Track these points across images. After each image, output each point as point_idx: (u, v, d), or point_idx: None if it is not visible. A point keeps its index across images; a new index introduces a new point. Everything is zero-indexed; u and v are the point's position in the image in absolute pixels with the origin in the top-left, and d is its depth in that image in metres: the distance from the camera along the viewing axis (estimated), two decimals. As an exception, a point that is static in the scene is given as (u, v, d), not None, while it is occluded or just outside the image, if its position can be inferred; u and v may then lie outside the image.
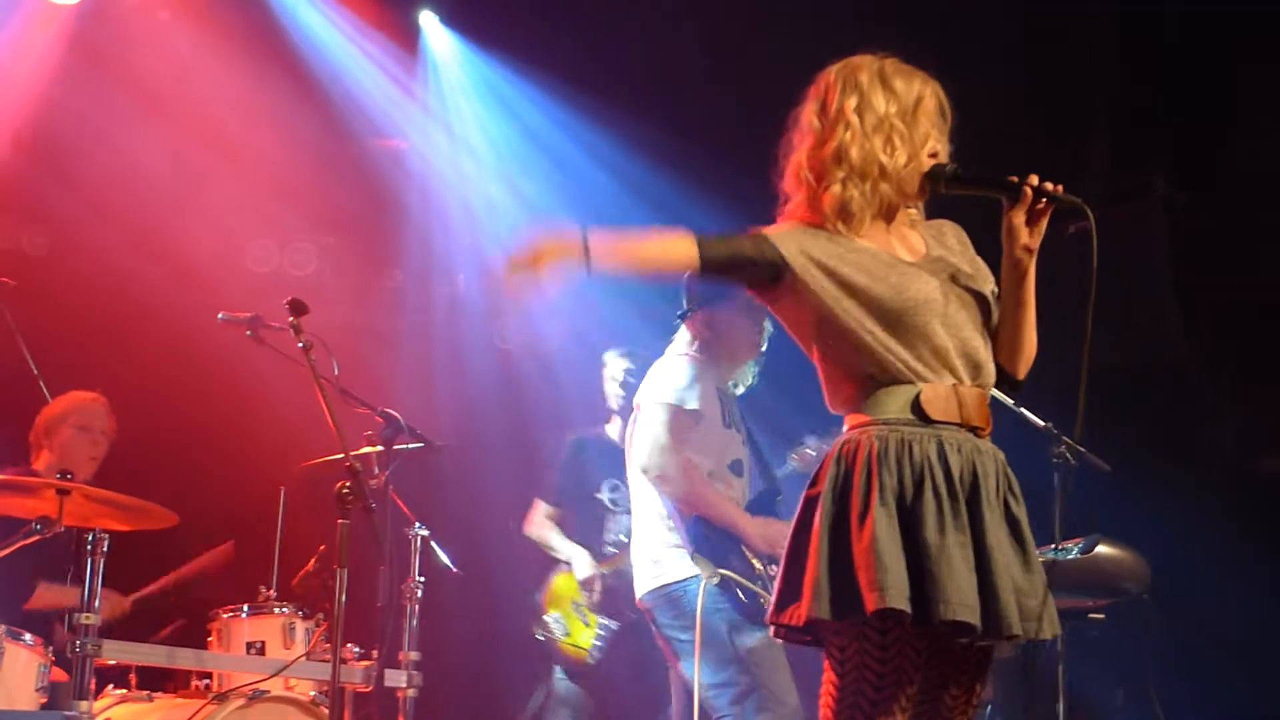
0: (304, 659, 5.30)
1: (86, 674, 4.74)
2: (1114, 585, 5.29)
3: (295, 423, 6.22)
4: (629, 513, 6.50)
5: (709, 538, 5.34)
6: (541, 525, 6.79)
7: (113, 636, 5.16)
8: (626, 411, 6.59)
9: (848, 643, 3.29)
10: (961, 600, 3.19)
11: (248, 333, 5.58)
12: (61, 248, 8.03)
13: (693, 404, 5.44)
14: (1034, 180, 3.47)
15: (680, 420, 5.41)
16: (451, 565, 6.14)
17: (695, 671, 5.26)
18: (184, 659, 5.34)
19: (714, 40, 7.88)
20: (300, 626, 5.53)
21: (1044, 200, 3.47)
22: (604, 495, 6.70)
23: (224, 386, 7.48)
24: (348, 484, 4.77)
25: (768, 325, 5.64)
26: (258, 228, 8.30)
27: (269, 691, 5.21)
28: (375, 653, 5.30)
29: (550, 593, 6.65)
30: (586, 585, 6.53)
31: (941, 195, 3.55)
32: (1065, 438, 5.36)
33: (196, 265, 7.77)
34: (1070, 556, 5.08)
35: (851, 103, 3.50)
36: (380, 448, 5.67)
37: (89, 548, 4.76)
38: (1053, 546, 5.07)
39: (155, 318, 7.60)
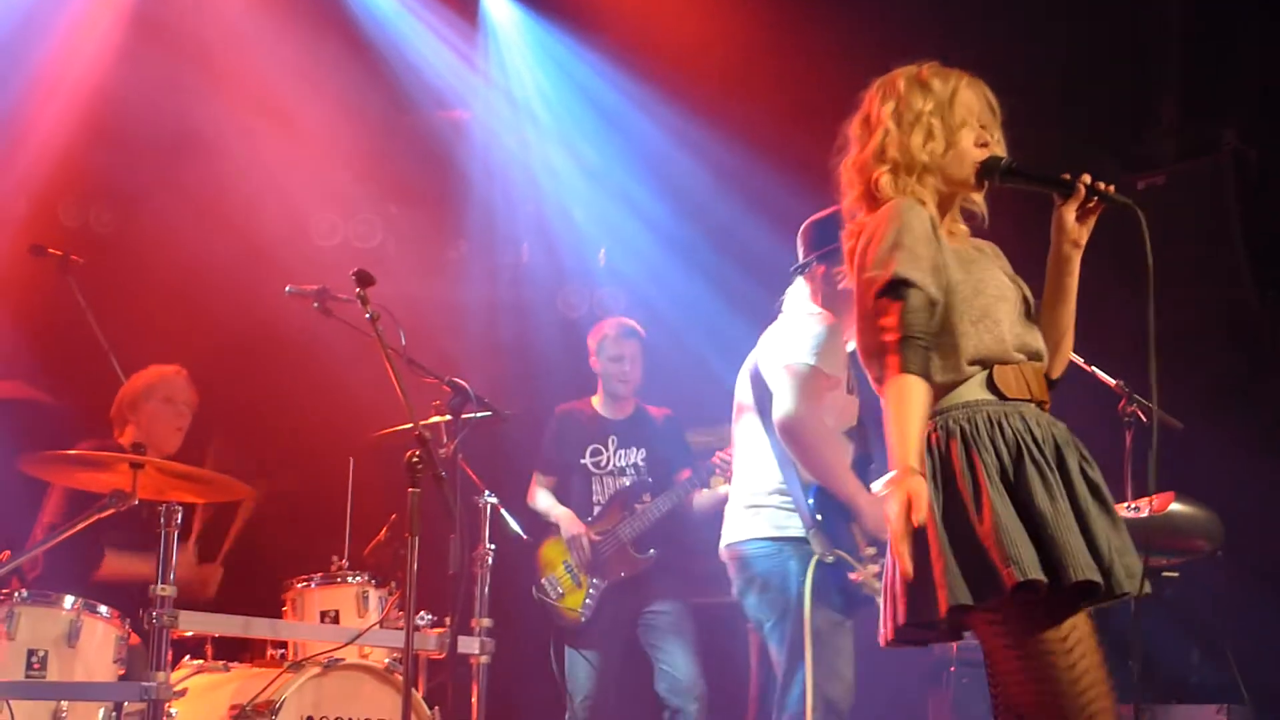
0: (377, 627, 5.33)
1: (164, 645, 4.78)
2: (1188, 543, 5.24)
3: (363, 394, 6.25)
4: (612, 474, 6.91)
5: (826, 509, 5.21)
6: (538, 494, 7.05)
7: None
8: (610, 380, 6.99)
9: (1009, 619, 3.35)
10: (1086, 561, 3.27)
11: (315, 305, 5.60)
12: (129, 225, 8.09)
13: (830, 367, 5.25)
14: (1086, 179, 3.55)
15: (818, 382, 5.20)
16: (521, 532, 6.17)
17: (806, 640, 5.20)
18: (259, 629, 5.38)
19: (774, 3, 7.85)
20: (373, 595, 5.57)
21: (1095, 199, 3.54)
22: (587, 460, 6.98)
23: (292, 359, 7.52)
24: (418, 453, 4.78)
25: None
26: (323, 201, 8.33)
27: (343, 660, 5.26)
28: (448, 620, 5.32)
29: (543, 556, 6.87)
30: (573, 543, 6.79)
31: (996, 189, 3.64)
32: (1137, 395, 5.32)
33: (263, 239, 7.80)
34: (1143, 515, 5.03)
35: (890, 107, 3.67)
36: (449, 417, 5.68)
37: (163, 520, 4.79)
38: (1126, 505, 5.03)
39: (222, 292, 7.64)
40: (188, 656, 5.63)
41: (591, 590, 6.77)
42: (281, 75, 7.78)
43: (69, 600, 5.21)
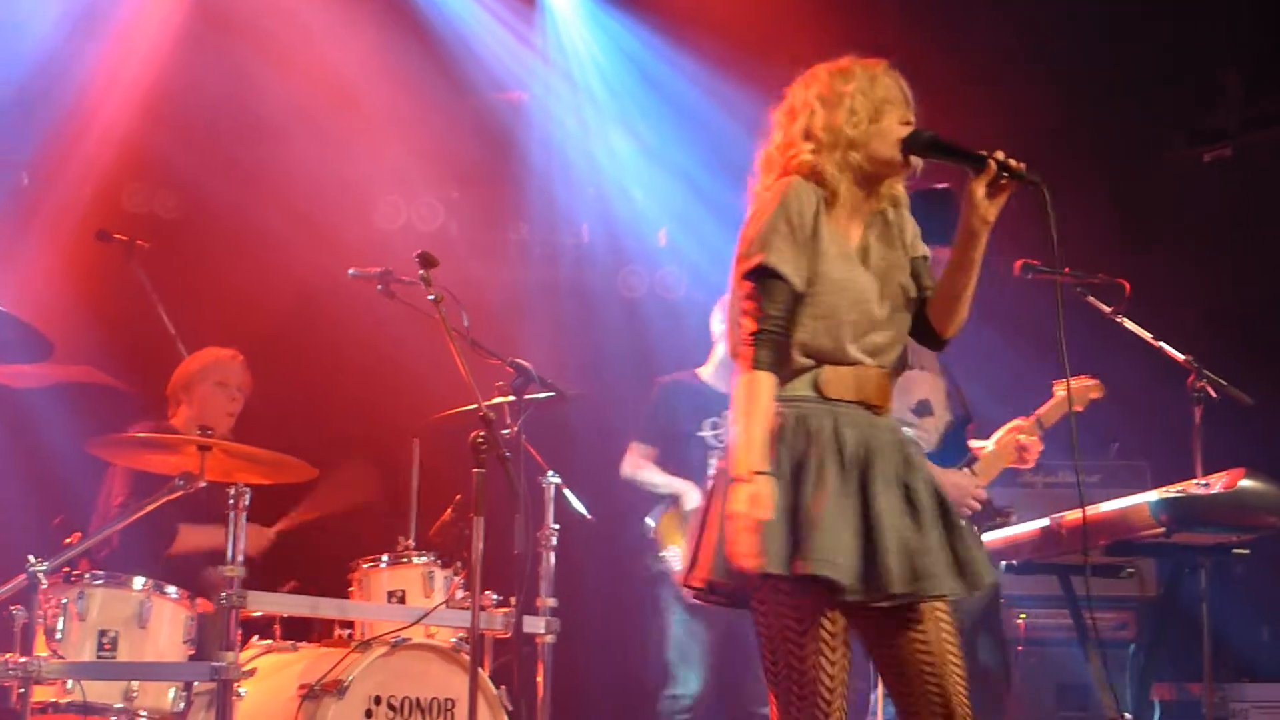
0: (443, 607, 5.35)
1: (232, 625, 4.81)
2: (1258, 520, 5.18)
3: (426, 375, 6.27)
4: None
5: None
6: (638, 465, 6.79)
7: (255, 578, 5.23)
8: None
9: (765, 600, 3.56)
10: (824, 558, 3.43)
11: (379, 287, 5.62)
12: (193, 210, 8.15)
13: None
14: (999, 155, 3.60)
15: None
16: (585, 512, 6.18)
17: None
18: (327, 609, 5.42)
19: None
20: (439, 575, 5.59)
21: (1005, 175, 3.59)
22: (706, 434, 6.67)
23: (356, 341, 7.56)
24: (482, 434, 4.78)
25: None
26: (385, 184, 8.36)
27: (410, 639, 5.28)
28: (513, 599, 5.33)
29: (661, 529, 6.65)
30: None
31: (922, 160, 3.74)
32: (1206, 371, 5.27)
33: (326, 223, 7.84)
34: (1213, 491, 4.98)
35: (814, 91, 3.76)
36: (512, 398, 5.70)
37: (231, 501, 4.83)
38: (1195, 482, 4.98)
39: (287, 275, 7.68)
40: (256, 637, 5.67)
41: None
42: (343, 60, 7.81)
43: (139, 581, 5.26)
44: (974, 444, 5.51)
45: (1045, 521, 5.32)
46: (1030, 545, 5.38)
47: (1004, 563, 5.46)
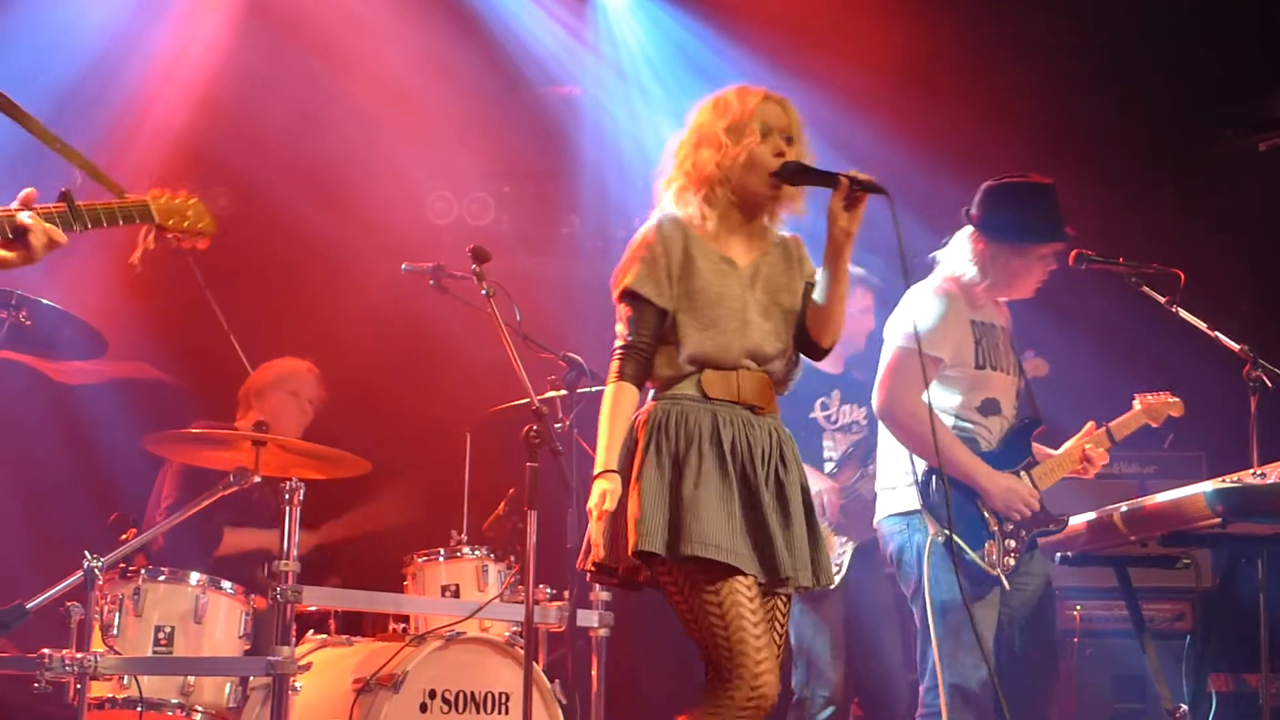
0: (497, 600, 5.37)
1: (288, 620, 4.84)
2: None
3: (478, 370, 6.29)
4: (843, 430, 6.46)
5: (941, 489, 5.13)
6: None
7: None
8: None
9: (669, 570, 3.88)
10: (701, 540, 3.79)
11: (431, 282, 5.64)
12: (246, 206, 8.17)
13: (934, 349, 5.21)
14: (851, 173, 3.94)
15: (918, 366, 5.01)
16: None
17: (928, 615, 5.17)
18: (382, 603, 5.45)
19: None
20: (493, 569, 5.61)
21: (857, 188, 3.93)
22: (817, 414, 6.54)
23: (409, 336, 7.57)
24: (535, 428, 4.79)
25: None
26: (437, 180, 8.38)
27: (465, 633, 5.30)
28: (567, 593, 5.34)
29: None
30: (819, 499, 6.20)
31: (792, 188, 4.05)
32: (1262, 360, 5.22)
33: (378, 218, 7.87)
34: (1270, 481, 4.93)
35: (692, 126, 4.11)
36: (564, 391, 5.70)
37: (286, 496, 4.85)
38: (1251, 471, 4.94)
39: (340, 271, 7.71)
40: (311, 631, 5.70)
41: (840, 550, 6.26)
42: (395, 56, 7.82)
43: (194, 577, 5.30)
44: (1038, 447, 5.47)
45: (1100, 513, 5.28)
46: (1085, 537, 5.35)
47: (1059, 555, 5.42)
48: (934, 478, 5.16)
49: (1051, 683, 6.05)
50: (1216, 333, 5.34)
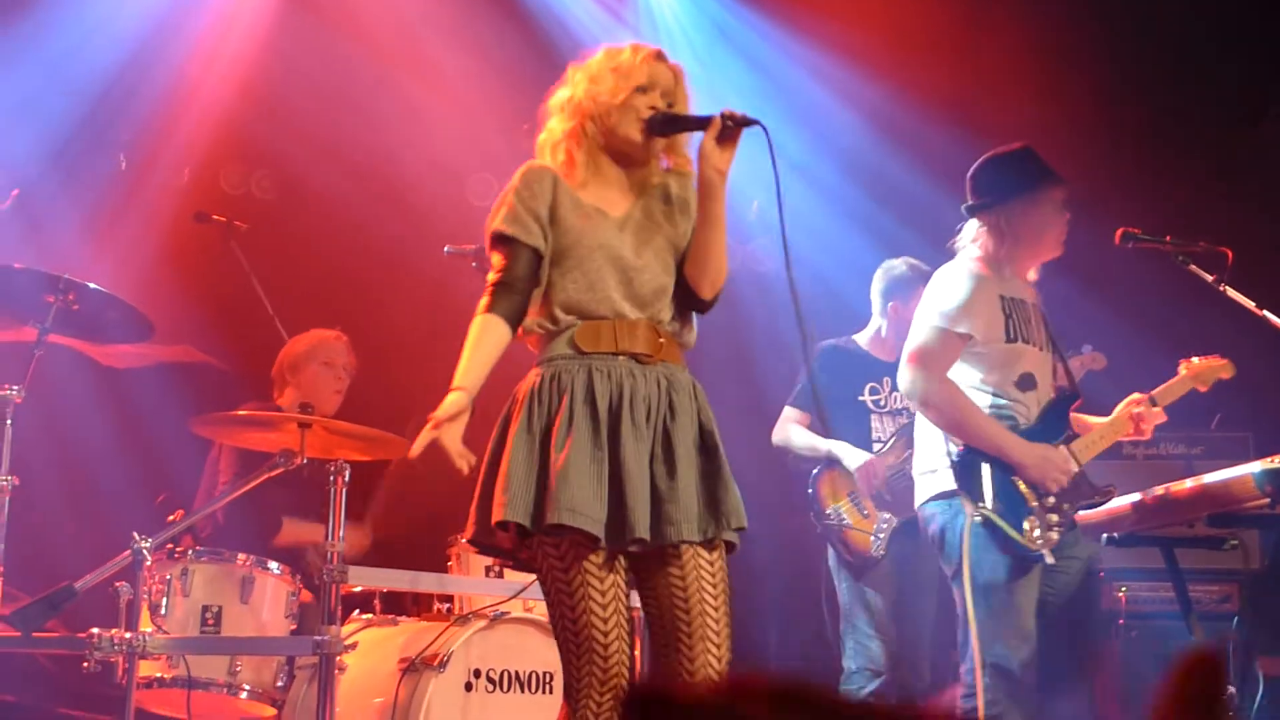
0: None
1: (334, 600, 4.87)
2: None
3: (521, 351, 6.28)
4: (892, 413, 6.45)
5: (976, 467, 5.14)
6: (790, 430, 6.61)
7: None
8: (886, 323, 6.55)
9: (534, 554, 3.77)
10: (570, 507, 3.63)
11: (473, 264, 5.66)
12: (289, 190, 8.21)
13: (963, 326, 5.18)
14: (725, 111, 3.88)
15: (947, 344, 5.15)
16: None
17: (967, 597, 5.17)
18: (426, 583, 5.47)
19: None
20: (537, 549, 5.61)
21: (728, 122, 3.86)
22: (866, 399, 6.52)
23: (451, 318, 7.57)
24: (578, 408, 4.78)
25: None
26: (478, 161, 8.38)
27: (509, 613, 5.31)
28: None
29: (822, 490, 6.43)
30: (865, 471, 6.29)
31: (662, 136, 3.98)
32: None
33: (420, 201, 7.88)
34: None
35: (583, 67, 4.04)
36: (608, 372, 5.70)
37: (332, 477, 4.87)
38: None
39: (381, 253, 7.74)
40: (356, 611, 5.73)
41: (882, 524, 6.27)
42: (434, 37, 7.84)
43: (241, 557, 5.34)
44: (1088, 418, 5.45)
45: (1146, 494, 5.26)
46: (1131, 517, 5.32)
47: (1105, 535, 5.40)
48: (969, 457, 5.15)
49: (1087, 667, 6.04)
50: (1265, 312, 5.31)
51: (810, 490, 6.45)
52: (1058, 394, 5.38)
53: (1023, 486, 5.14)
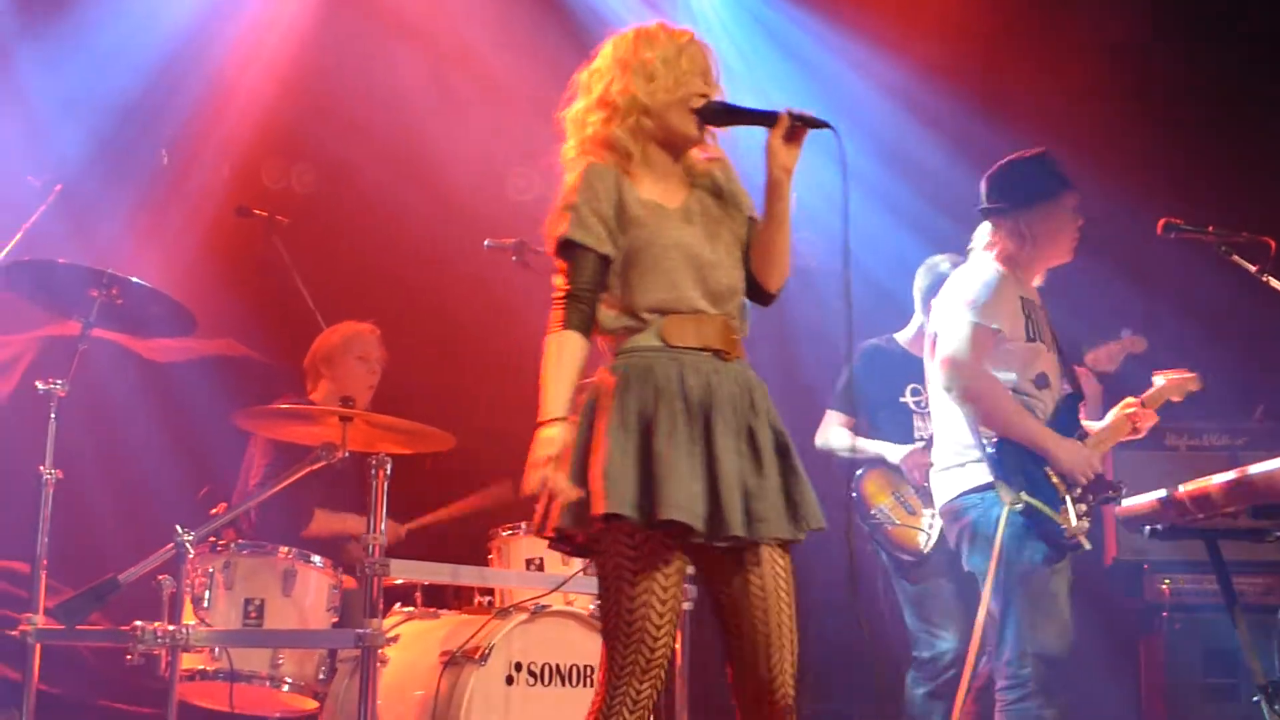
0: (581, 574, 5.37)
1: (375, 593, 4.88)
2: None
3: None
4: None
5: (1013, 458, 5.21)
6: (833, 433, 6.57)
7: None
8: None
9: (606, 546, 3.68)
10: (676, 503, 3.56)
11: (514, 258, 5.68)
12: (330, 185, 8.24)
13: (996, 322, 5.26)
14: (791, 109, 3.79)
15: (981, 337, 5.23)
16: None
17: (986, 591, 5.18)
18: (468, 576, 5.49)
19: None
20: (577, 542, 5.61)
21: (796, 122, 3.78)
22: (908, 399, 6.49)
23: (491, 312, 7.60)
24: (618, 402, 4.78)
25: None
26: (517, 155, 8.39)
27: (550, 606, 5.32)
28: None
29: (865, 490, 6.40)
30: (909, 463, 6.30)
31: (719, 128, 3.92)
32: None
33: (460, 195, 7.89)
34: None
35: (617, 54, 3.94)
36: (650, 366, 5.70)
37: (373, 471, 4.89)
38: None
39: (422, 248, 7.75)
40: (398, 604, 5.75)
41: (929, 519, 6.23)
42: (475, 31, 7.85)
43: (283, 550, 5.36)
44: (1085, 423, 5.48)
45: (1190, 486, 5.24)
46: (1175, 509, 5.30)
47: (1149, 528, 5.38)
48: (1005, 447, 5.21)
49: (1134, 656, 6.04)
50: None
51: (854, 492, 6.41)
52: (1067, 393, 5.42)
53: (1054, 478, 5.19)
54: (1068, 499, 5.21)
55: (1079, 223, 5.46)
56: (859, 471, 6.44)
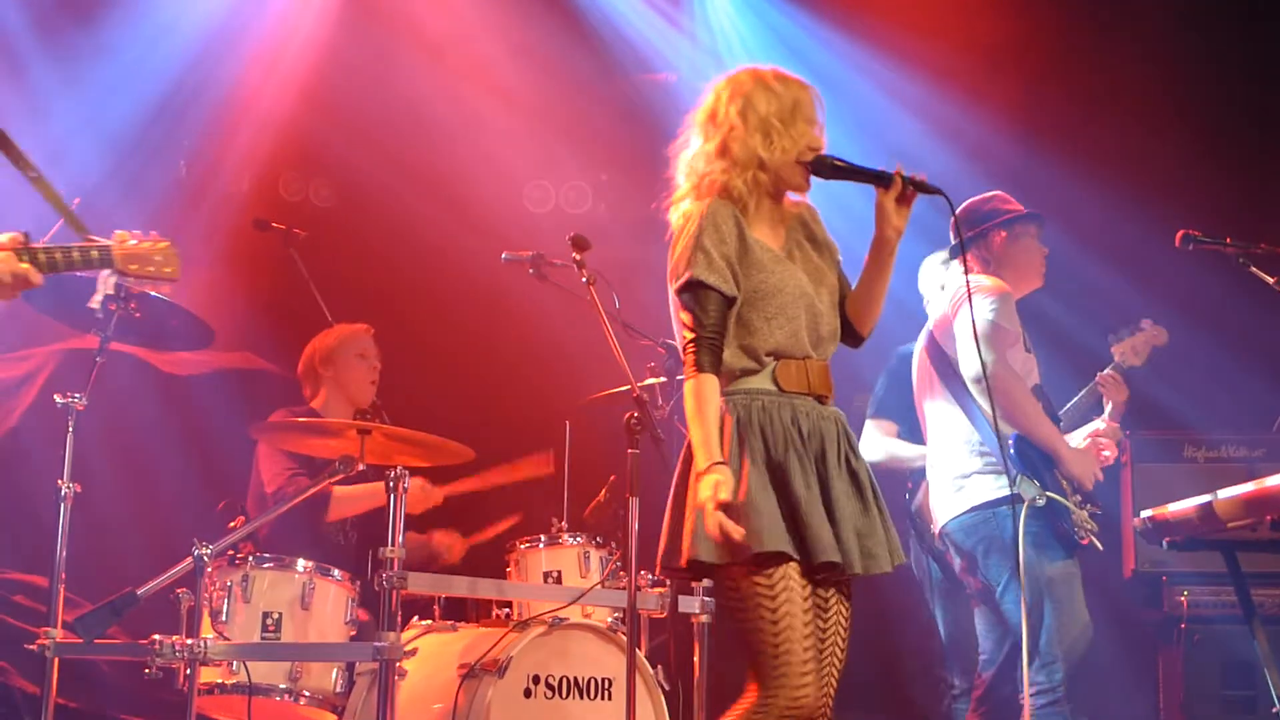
0: (599, 587, 5.38)
1: (394, 606, 4.87)
2: None
3: (578, 357, 6.31)
4: None
5: (1029, 456, 5.26)
6: (883, 442, 6.47)
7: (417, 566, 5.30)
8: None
9: (739, 583, 3.80)
10: (829, 545, 3.76)
11: (530, 271, 5.68)
12: (347, 198, 8.27)
13: (1012, 324, 5.42)
14: (901, 170, 3.87)
15: (1004, 338, 5.37)
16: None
17: (1022, 593, 5.19)
18: (485, 589, 5.47)
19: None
20: (594, 555, 5.62)
21: (909, 186, 3.86)
22: None
23: (509, 324, 7.62)
24: (636, 414, 4.79)
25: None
26: (534, 168, 8.41)
27: (567, 619, 5.32)
28: (668, 579, 5.34)
29: (927, 502, 6.13)
30: None
31: (826, 181, 3.97)
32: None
33: (477, 208, 7.91)
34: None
35: (737, 106, 4.00)
36: (663, 379, 5.72)
37: (391, 484, 4.88)
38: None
39: (440, 261, 7.77)
40: (416, 617, 5.74)
41: None
42: (492, 45, 7.87)
43: (301, 564, 5.36)
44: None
45: (1208, 497, 5.22)
46: (1193, 521, 5.29)
47: (1167, 540, 5.38)
48: (1024, 445, 5.34)
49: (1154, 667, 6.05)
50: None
51: (914, 506, 6.37)
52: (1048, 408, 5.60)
53: (1063, 481, 5.28)
54: (1072, 503, 5.34)
55: (1044, 252, 5.70)
56: (920, 484, 6.36)
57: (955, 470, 5.43)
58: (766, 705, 3.79)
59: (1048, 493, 5.19)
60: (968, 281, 4.97)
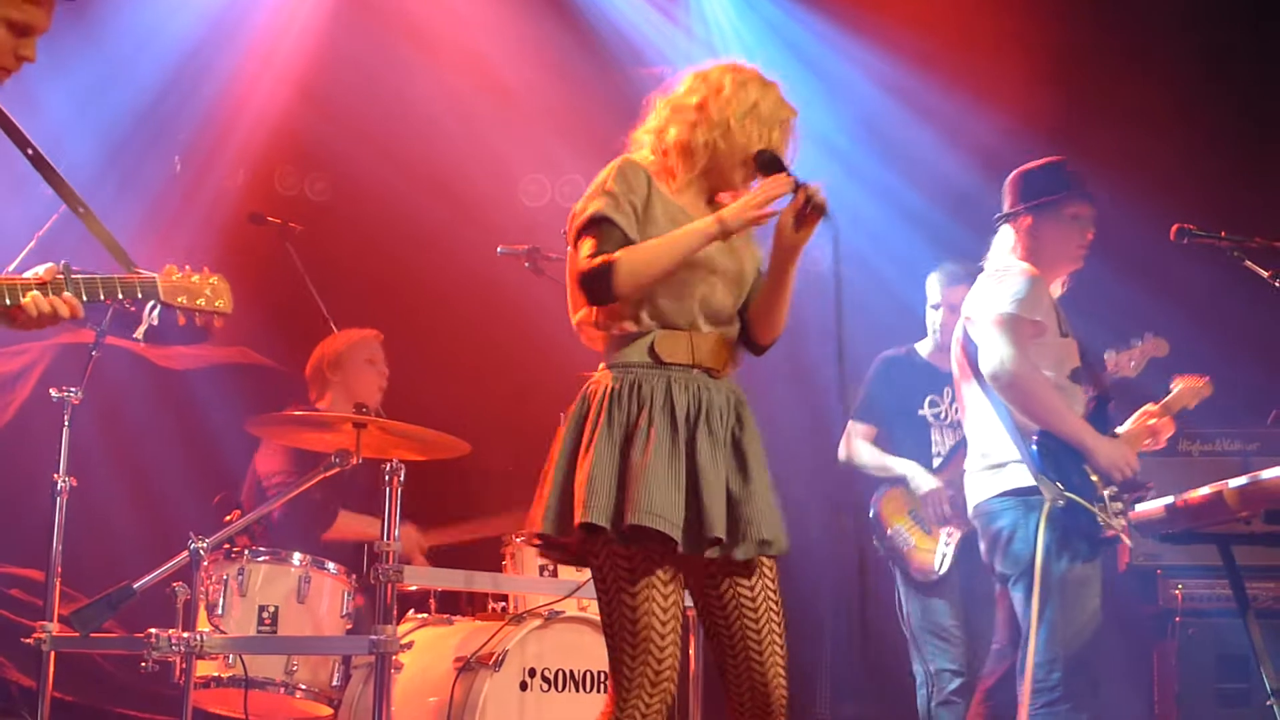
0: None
1: (390, 599, 4.88)
2: None
3: (573, 351, 6.30)
4: (952, 426, 6.38)
5: (1052, 453, 5.22)
6: (859, 446, 6.51)
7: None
8: (943, 330, 6.46)
9: (598, 555, 3.71)
10: (649, 510, 3.60)
11: (526, 264, 5.69)
12: (343, 192, 8.26)
13: (1034, 314, 5.30)
14: (810, 187, 3.79)
15: (1023, 329, 5.27)
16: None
17: (1035, 589, 5.18)
18: (481, 583, 5.49)
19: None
20: (590, 549, 5.62)
21: (809, 208, 3.78)
22: (925, 412, 6.49)
23: (504, 318, 7.61)
24: (630, 409, 4.79)
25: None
26: (529, 163, 8.41)
27: (563, 612, 5.33)
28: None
29: (884, 510, 6.39)
30: (929, 499, 6.26)
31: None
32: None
33: (472, 202, 7.91)
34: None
35: (705, 96, 3.90)
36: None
37: (387, 478, 4.89)
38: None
39: (435, 254, 7.76)
40: (412, 610, 5.76)
41: (946, 540, 6.23)
42: (488, 39, 7.86)
43: (298, 557, 5.38)
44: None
45: (1204, 490, 5.24)
46: (1188, 514, 5.30)
47: (1161, 533, 5.39)
48: (1047, 442, 5.22)
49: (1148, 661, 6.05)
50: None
51: (871, 513, 6.40)
52: (1099, 392, 5.45)
53: (1092, 475, 5.21)
54: (1105, 495, 5.24)
55: (1087, 231, 5.51)
56: (879, 491, 6.42)
57: (990, 457, 5.41)
58: (625, 714, 3.68)
59: (1068, 494, 5.13)
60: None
